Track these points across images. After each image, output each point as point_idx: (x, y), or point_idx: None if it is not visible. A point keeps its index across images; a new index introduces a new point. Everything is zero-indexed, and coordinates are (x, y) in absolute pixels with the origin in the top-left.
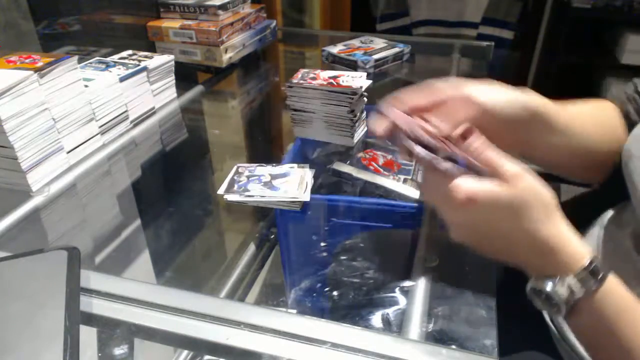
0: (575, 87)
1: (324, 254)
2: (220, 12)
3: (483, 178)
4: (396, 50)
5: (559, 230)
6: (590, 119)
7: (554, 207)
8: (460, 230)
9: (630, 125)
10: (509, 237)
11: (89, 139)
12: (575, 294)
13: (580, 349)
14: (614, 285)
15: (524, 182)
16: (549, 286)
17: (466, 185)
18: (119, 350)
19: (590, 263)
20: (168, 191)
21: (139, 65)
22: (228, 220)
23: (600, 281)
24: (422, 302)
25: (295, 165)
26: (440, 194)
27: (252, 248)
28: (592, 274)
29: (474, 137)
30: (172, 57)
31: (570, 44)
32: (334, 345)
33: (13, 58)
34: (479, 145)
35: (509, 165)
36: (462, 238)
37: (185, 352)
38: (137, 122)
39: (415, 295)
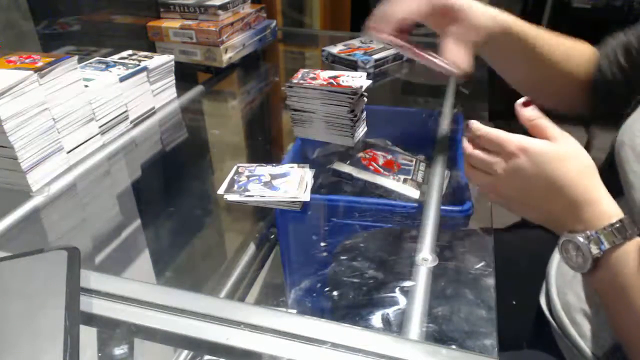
0: None
1: (324, 254)
2: (220, 12)
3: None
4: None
5: (595, 188)
6: (563, 47)
7: (593, 169)
8: (503, 186)
9: (600, 75)
10: (548, 189)
11: (89, 139)
12: (601, 248)
13: (582, 343)
14: (636, 246)
15: (569, 141)
16: (580, 237)
17: (518, 138)
18: (119, 350)
19: (619, 221)
20: (168, 191)
21: (139, 65)
22: (228, 220)
23: (625, 239)
24: (422, 302)
25: (295, 165)
26: (492, 149)
27: (252, 248)
28: (618, 232)
29: (530, 108)
30: (172, 57)
31: None
32: (334, 345)
33: (13, 58)
34: (534, 114)
35: (558, 130)
36: (503, 194)
37: (185, 352)
38: (137, 122)
39: (415, 295)
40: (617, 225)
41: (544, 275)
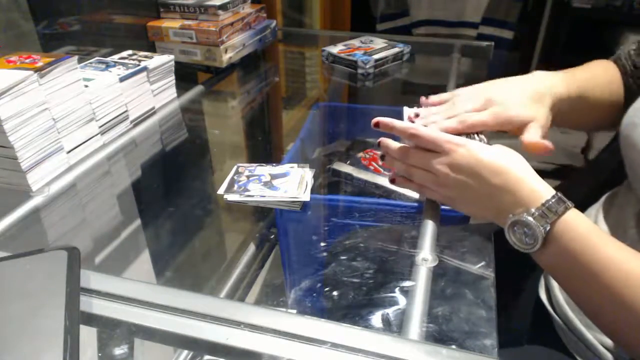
0: None
1: (324, 254)
2: (220, 12)
3: None
4: (396, 50)
5: (527, 171)
6: (601, 80)
7: (521, 157)
8: (446, 184)
9: (626, 88)
10: (487, 176)
11: (89, 139)
12: (547, 221)
13: (589, 336)
14: (577, 214)
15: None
16: (528, 216)
17: (451, 136)
18: (119, 350)
19: (556, 195)
20: (168, 191)
21: (139, 65)
22: (228, 220)
23: (565, 209)
24: (422, 302)
25: (295, 165)
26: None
27: (252, 248)
28: (558, 204)
29: None
30: (172, 57)
31: (570, 44)
32: (334, 345)
33: (13, 58)
34: None
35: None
36: (447, 190)
37: (185, 352)
38: (137, 122)
39: (415, 295)
40: (555, 198)
41: (539, 271)
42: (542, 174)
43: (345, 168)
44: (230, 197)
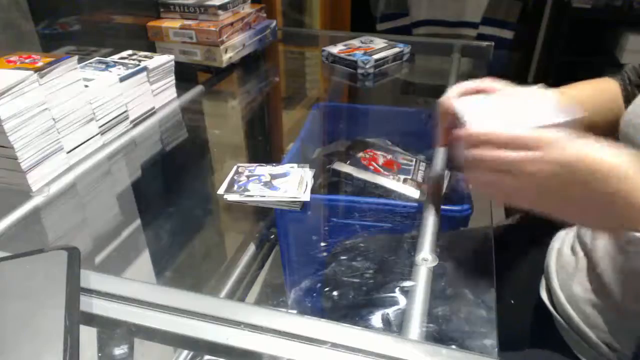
0: None
1: (324, 254)
2: (220, 12)
3: None
4: (396, 50)
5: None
6: (590, 99)
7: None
8: (537, 184)
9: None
10: (586, 169)
11: (89, 139)
12: None
13: (591, 334)
14: None
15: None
16: None
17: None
18: (119, 350)
19: None
20: (168, 191)
21: (139, 65)
22: (228, 220)
23: None
24: (422, 302)
25: (295, 165)
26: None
27: (252, 248)
28: None
29: None
30: (172, 57)
31: (570, 44)
32: (334, 345)
33: (13, 58)
34: None
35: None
36: (541, 190)
37: (185, 352)
38: (137, 122)
39: (415, 295)
40: None
41: (539, 272)
42: None
43: (345, 168)
44: (230, 197)
